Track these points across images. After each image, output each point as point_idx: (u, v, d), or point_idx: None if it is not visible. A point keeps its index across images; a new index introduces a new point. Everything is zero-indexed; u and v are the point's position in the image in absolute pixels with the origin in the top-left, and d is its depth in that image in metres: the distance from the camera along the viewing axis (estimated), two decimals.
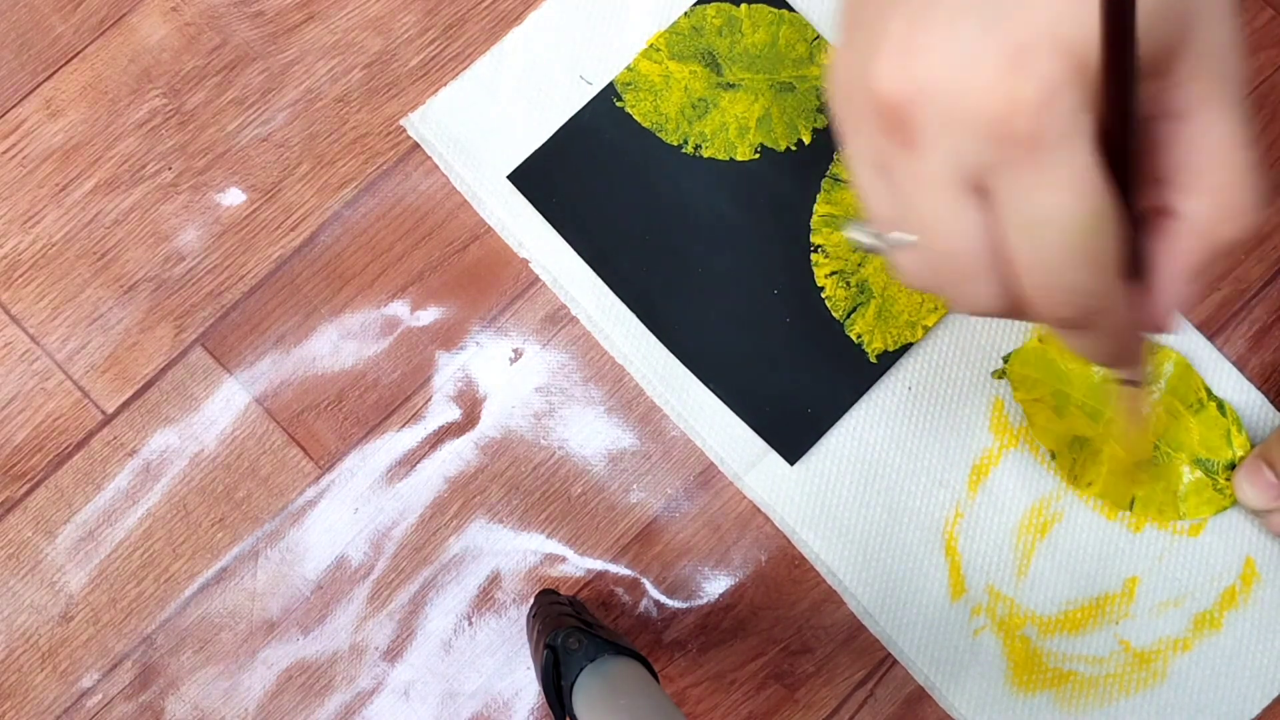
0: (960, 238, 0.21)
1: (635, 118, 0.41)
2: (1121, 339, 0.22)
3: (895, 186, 0.21)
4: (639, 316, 0.40)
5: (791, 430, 0.40)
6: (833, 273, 0.40)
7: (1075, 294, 0.20)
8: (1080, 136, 0.19)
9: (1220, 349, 0.40)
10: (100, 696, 0.39)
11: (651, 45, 0.41)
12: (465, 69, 0.41)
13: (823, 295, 0.40)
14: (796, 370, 0.40)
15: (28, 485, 0.40)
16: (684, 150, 0.41)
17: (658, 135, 0.41)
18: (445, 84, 0.41)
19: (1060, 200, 0.19)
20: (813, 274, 0.40)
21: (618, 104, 0.41)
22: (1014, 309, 0.22)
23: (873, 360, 0.40)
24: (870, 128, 0.21)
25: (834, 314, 0.40)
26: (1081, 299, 0.20)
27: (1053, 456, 0.39)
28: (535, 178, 0.40)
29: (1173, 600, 0.39)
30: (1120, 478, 0.39)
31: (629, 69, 0.41)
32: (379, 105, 0.41)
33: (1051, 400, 0.39)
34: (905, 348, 0.40)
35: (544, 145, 0.41)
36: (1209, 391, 0.39)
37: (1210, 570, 0.39)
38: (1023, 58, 0.18)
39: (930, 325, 0.40)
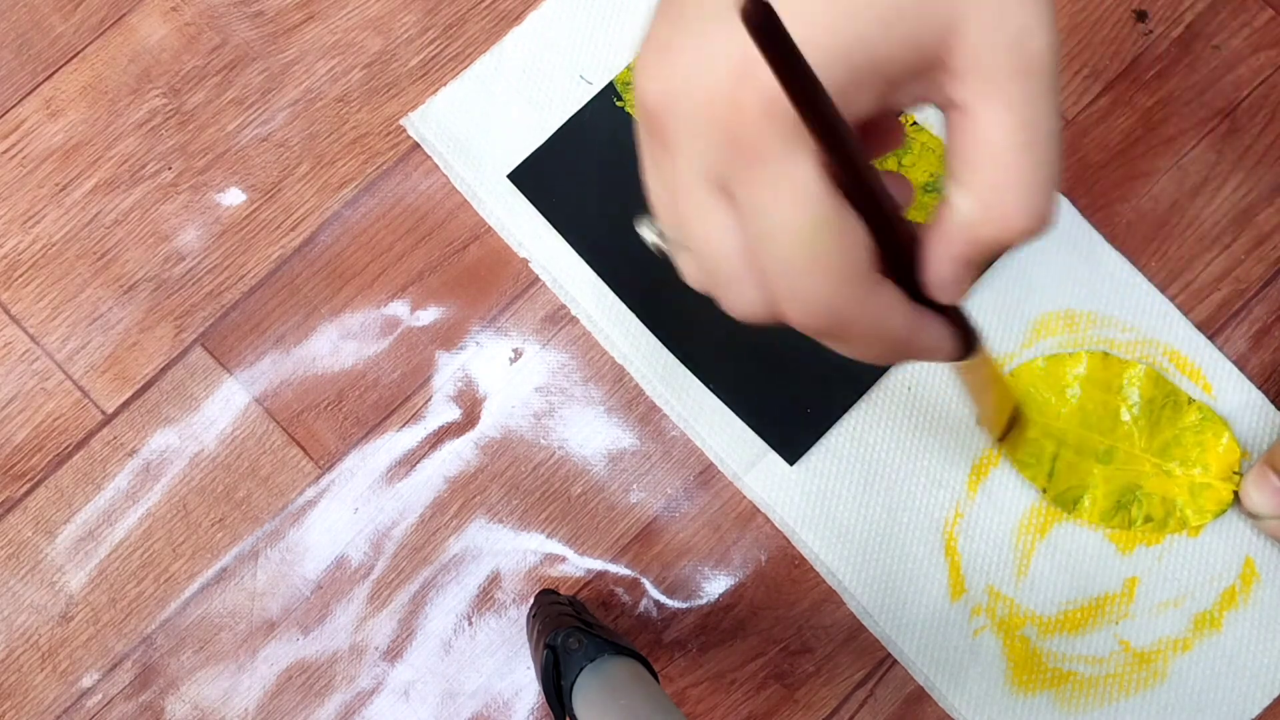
0: (713, 240, 0.20)
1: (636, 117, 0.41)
2: (895, 338, 0.21)
3: (663, 186, 0.21)
4: (639, 316, 0.40)
5: (791, 430, 0.40)
6: None
7: (817, 303, 0.20)
8: (801, 148, 0.18)
9: (1220, 349, 0.40)
10: (100, 696, 0.39)
11: None
12: (465, 69, 0.41)
13: None
14: (796, 370, 0.40)
15: (28, 485, 0.40)
16: None
17: None
18: (445, 84, 0.41)
19: (785, 210, 0.19)
20: None
21: (618, 103, 0.41)
22: (775, 316, 0.21)
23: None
24: (642, 127, 0.21)
25: None
26: (824, 307, 0.20)
27: (1043, 492, 0.39)
28: (535, 177, 0.40)
29: (1172, 600, 0.39)
30: (1113, 501, 0.39)
31: (629, 68, 0.41)
32: (379, 105, 0.41)
33: (1032, 434, 0.39)
34: None
35: (544, 144, 0.41)
36: (1188, 397, 0.39)
37: (1210, 570, 0.39)
38: (750, 66, 0.18)
39: None
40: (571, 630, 0.33)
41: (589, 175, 0.40)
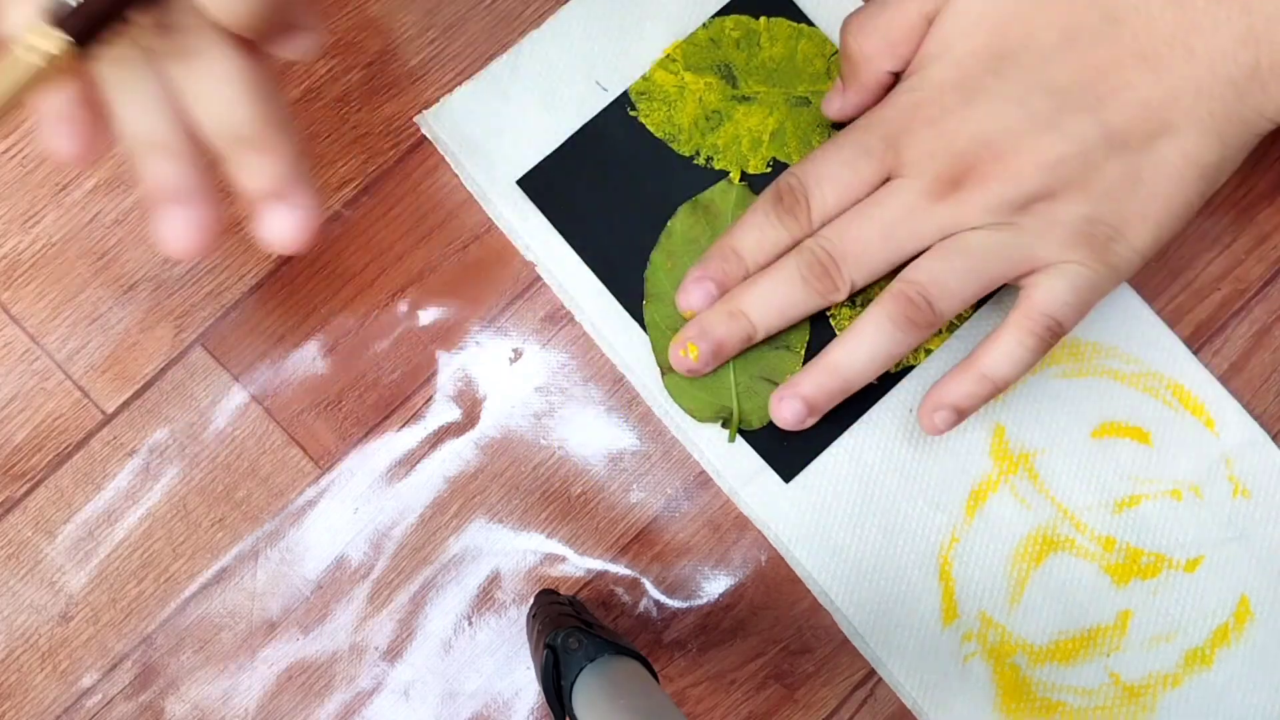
0: None
1: (649, 127, 0.40)
2: None
3: None
4: (642, 327, 0.40)
5: (788, 447, 0.39)
6: None
7: None
8: None
9: (1219, 350, 0.40)
10: (100, 696, 0.39)
11: (668, 55, 0.41)
12: (468, 67, 0.41)
13: (828, 314, 0.40)
14: None
15: (28, 485, 0.40)
16: (695, 162, 0.40)
17: (670, 146, 0.40)
18: (452, 82, 0.41)
19: None
20: None
21: (631, 113, 0.40)
22: None
23: (874, 381, 0.39)
24: None
25: (838, 333, 0.40)
26: None
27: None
28: (545, 184, 0.40)
29: (1164, 635, 0.39)
30: None
31: (644, 78, 0.40)
32: (379, 105, 0.41)
33: None
34: (907, 370, 0.40)
35: (555, 151, 0.40)
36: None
37: (1204, 606, 0.39)
38: None
39: (933, 349, 0.40)
40: (571, 630, 0.33)
41: (599, 183, 0.40)
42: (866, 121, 0.36)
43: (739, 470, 0.40)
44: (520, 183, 0.40)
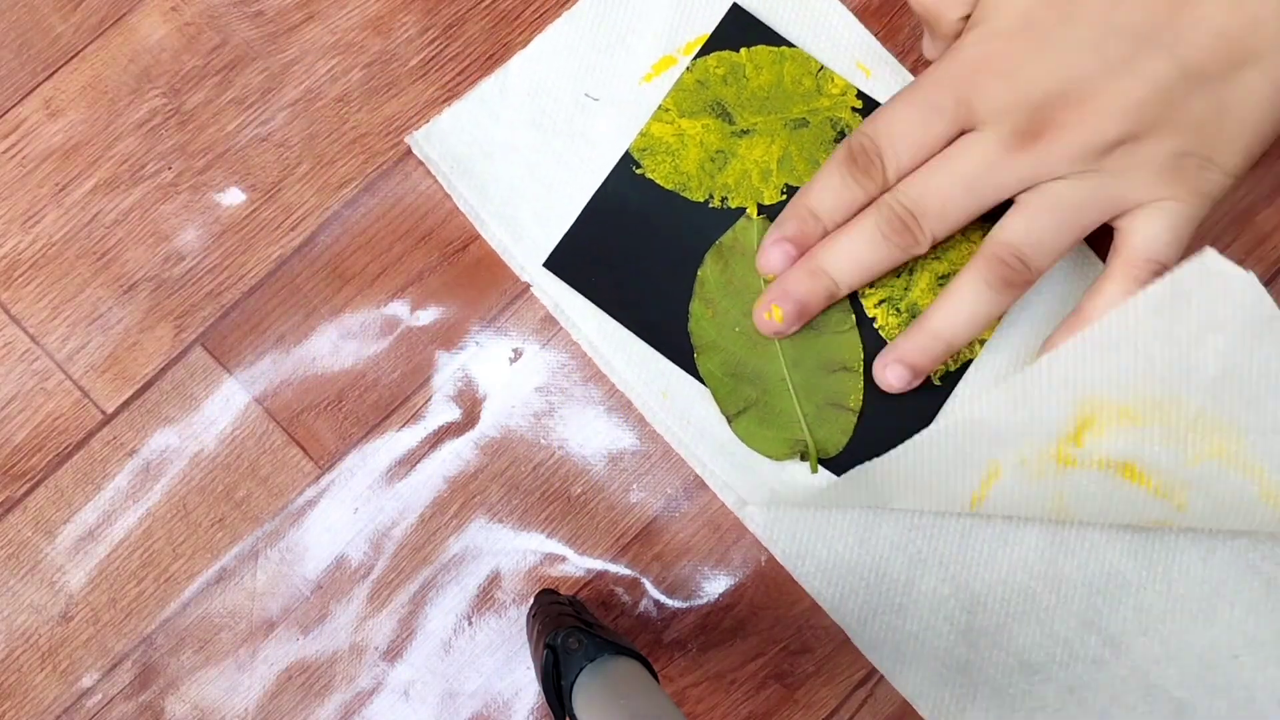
0: None
1: (657, 181, 0.40)
2: None
3: None
4: (700, 381, 0.39)
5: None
6: (881, 301, 0.39)
7: None
8: None
9: None
10: (100, 696, 0.39)
11: (661, 107, 0.40)
12: (468, 67, 0.41)
13: (875, 326, 0.39)
14: (867, 409, 0.39)
15: (28, 485, 0.40)
16: (711, 205, 0.40)
17: (682, 195, 0.40)
18: (452, 82, 0.41)
19: None
20: (861, 307, 0.39)
21: (637, 171, 0.40)
22: None
23: (936, 383, 0.39)
24: None
25: (887, 341, 0.39)
26: None
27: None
28: (571, 262, 0.40)
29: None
30: None
31: (642, 134, 0.40)
32: (379, 105, 0.41)
33: None
34: (964, 365, 0.39)
35: (572, 228, 0.40)
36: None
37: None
38: None
39: (987, 339, 0.39)
40: (571, 630, 0.33)
41: (624, 249, 0.40)
42: (935, 76, 0.35)
43: (744, 488, 0.39)
44: (547, 265, 0.40)
